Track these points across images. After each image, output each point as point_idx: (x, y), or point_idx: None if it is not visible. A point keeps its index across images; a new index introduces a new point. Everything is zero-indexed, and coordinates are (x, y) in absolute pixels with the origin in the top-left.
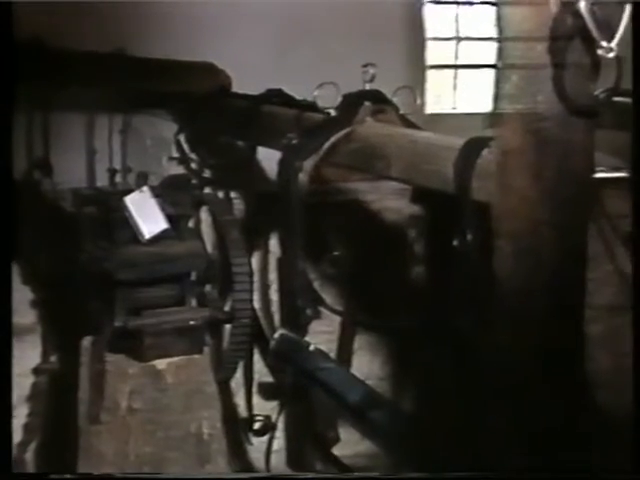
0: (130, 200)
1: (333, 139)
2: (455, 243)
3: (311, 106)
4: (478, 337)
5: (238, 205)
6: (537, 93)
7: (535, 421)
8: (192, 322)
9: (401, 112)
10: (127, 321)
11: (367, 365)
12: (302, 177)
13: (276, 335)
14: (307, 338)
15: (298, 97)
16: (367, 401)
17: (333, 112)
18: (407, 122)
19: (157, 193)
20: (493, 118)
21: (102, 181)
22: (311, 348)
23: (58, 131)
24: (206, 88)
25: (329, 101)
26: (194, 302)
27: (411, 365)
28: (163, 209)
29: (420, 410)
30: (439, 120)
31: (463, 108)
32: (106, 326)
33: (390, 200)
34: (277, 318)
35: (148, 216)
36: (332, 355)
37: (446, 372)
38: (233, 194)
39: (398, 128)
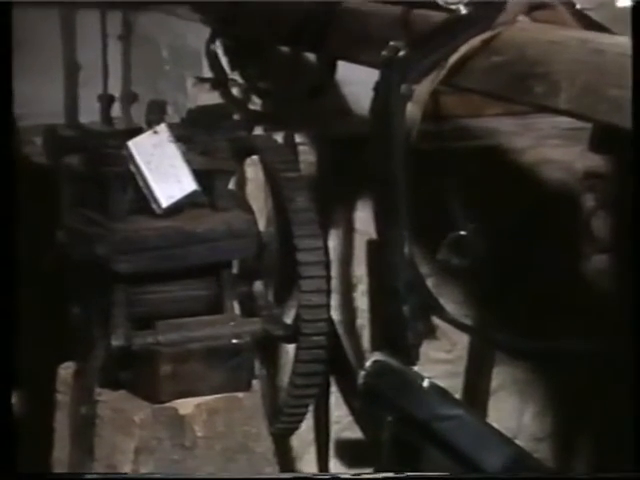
0: (137, 146)
1: (463, 50)
2: None
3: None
4: None
5: (307, 155)
6: None
7: None
8: (234, 340)
9: (576, 6)
10: (131, 338)
11: (515, 414)
12: (412, 110)
13: (368, 363)
14: (417, 369)
15: None
16: (515, 470)
17: (463, 8)
18: (586, 21)
19: (180, 135)
20: None
21: (90, 115)
22: (425, 384)
23: (21, 36)
24: None
25: None
26: (237, 309)
27: (588, 415)
28: (189, 161)
29: None
30: None
31: None
32: (98, 346)
33: (553, 147)
34: (368, 335)
35: (165, 172)
36: (457, 396)
37: None
38: (299, 137)
39: (571, 31)
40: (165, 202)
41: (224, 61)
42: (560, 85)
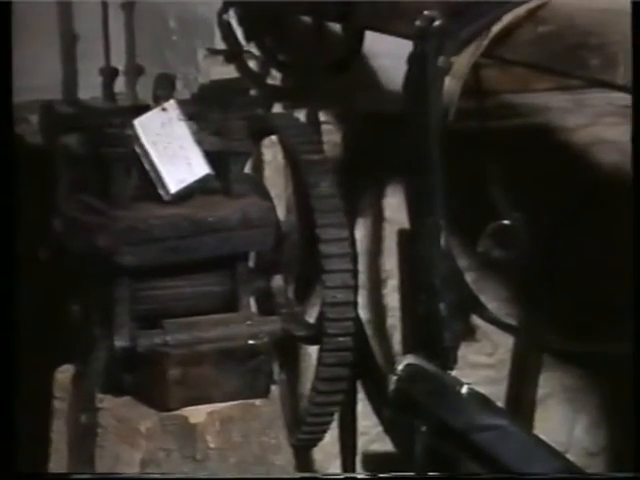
0: (143, 125)
1: (506, 20)
2: None
3: None
4: None
5: (331, 135)
6: None
7: None
8: (251, 341)
9: None
10: (136, 338)
11: (565, 425)
12: (450, 84)
13: (399, 367)
14: (455, 373)
15: None
16: None
17: None
18: None
19: (190, 113)
20: None
21: (91, 90)
22: (463, 391)
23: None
24: None
25: None
26: (253, 306)
27: None
28: (201, 141)
29: None
30: None
31: None
32: (99, 347)
33: (609, 126)
34: (399, 337)
35: (175, 154)
36: (500, 405)
37: None
38: (322, 115)
39: None
40: (174, 187)
41: (239, 31)
42: (617, 58)
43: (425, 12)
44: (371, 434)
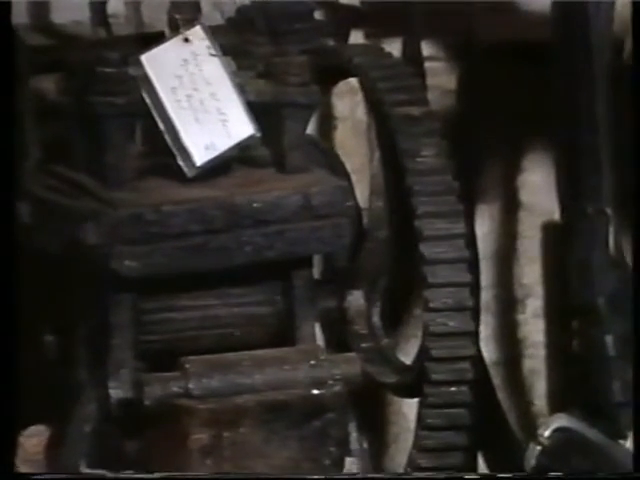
0: (154, 62)
1: None
2: None
3: None
4: None
5: (439, 78)
6: None
7: None
8: (315, 391)
9: None
10: (142, 385)
11: None
12: (623, 7)
13: (545, 433)
14: (630, 445)
15: None
16: None
17: None
18: None
19: (226, 45)
20: None
21: (73, 11)
22: None
23: None
24: None
25: None
26: (319, 336)
27: None
28: (241, 87)
29: None
30: None
31: None
32: (86, 399)
33: None
34: (543, 387)
35: (202, 106)
36: None
37: None
38: (426, 49)
39: None
40: (201, 157)
41: None
42: None
43: None
44: None
